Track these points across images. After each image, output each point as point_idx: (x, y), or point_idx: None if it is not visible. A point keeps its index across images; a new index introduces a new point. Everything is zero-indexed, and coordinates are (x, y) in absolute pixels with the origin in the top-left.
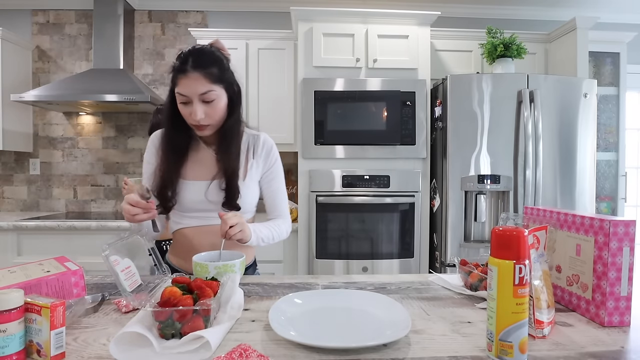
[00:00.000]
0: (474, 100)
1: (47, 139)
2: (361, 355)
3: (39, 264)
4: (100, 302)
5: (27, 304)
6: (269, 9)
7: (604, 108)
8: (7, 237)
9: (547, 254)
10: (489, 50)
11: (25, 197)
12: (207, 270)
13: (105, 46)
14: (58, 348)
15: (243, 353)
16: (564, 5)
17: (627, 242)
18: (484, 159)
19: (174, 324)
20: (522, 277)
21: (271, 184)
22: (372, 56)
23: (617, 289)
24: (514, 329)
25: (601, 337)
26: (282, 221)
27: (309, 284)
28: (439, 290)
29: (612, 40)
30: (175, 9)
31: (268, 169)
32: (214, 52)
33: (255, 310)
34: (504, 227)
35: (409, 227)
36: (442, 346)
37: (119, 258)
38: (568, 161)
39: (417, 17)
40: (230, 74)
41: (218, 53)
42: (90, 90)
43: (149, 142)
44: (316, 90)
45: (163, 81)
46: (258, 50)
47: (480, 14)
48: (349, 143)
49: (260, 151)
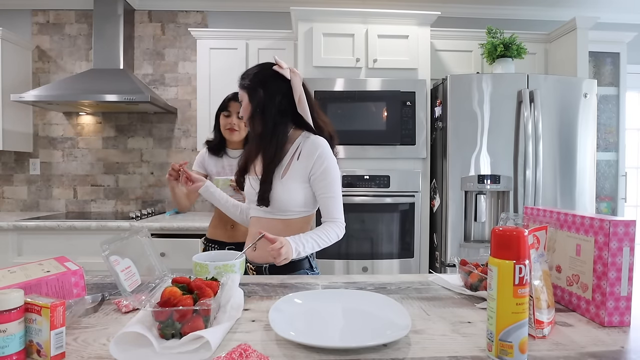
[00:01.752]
0: (474, 100)
1: (47, 139)
2: (361, 355)
3: (39, 264)
4: (100, 302)
5: (27, 304)
6: (269, 9)
7: (604, 108)
8: (7, 237)
9: (547, 254)
10: (489, 50)
11: (25, 197)
12: (207, 270)
13: (105, 46)
14: (58, 348)
15: (243, 353)
16: (564, 5)
17: (627, 242)
18: (484, 159)
19: (174, 324)
20: (522, 277)
21: (319, 186)
22: (372, 56)
23: (617, 289)
24: (514, 329)
25: (601, 337)
26: (332, 226)
27: (309, 284)
28: (439, 290)
29: (612, 40)
30: (175, 9)
31: (315, 172)
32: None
33: (255, 310)
34: (504, 227)
35: (409, 227)
36: (442, 346)
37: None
38: (568, 161)
39: (417, 17)
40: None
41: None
42: (90, 90)
43: None
44: (316, 90)
45: (163, 81)
46: (258, 50)
47: (480, 14)
48: (349, 143)
49: (306, 153)
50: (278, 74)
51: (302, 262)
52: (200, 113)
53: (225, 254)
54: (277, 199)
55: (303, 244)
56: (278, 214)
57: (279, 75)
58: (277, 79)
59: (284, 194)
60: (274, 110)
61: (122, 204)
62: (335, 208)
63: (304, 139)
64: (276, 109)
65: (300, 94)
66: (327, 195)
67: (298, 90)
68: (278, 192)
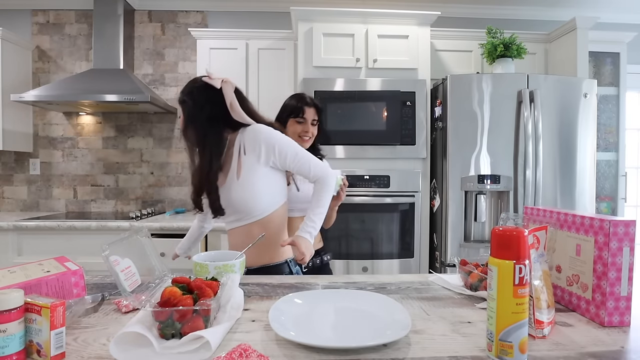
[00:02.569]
0: (474, 100)
1: (47, 139)
2: (361, 355)
3: (39, 264)
4: (100, 302)
5: (27, 304)
6: (269, 9)
7: (604, 108)
8: (7, 237)
9: (547, 254)
10: (489, 50)
11: (25, 197)
12: (207, 270)
13: (105, 46)
14: (58, 348)
15: (243, 353)
16: (564, 5)
17: (627, 242)
18: (484, 159)
19: (174, 324)
20: (522, 277)
21: (287, 162)
22: (372, 56)
23: (617, 289)
24: (514, 329)
25: (601, 337)
26: (319, 185)
27: (309, 284)
28: (439, 290)
29: (612, 40)
30: (175, 9)
31: (272, 157)
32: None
33: (255, 310)
34: (504, 227)
35: (409, 227)
36: (442, 346)
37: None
38: (568, 161)
39: (417, 17)
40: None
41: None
42: (90, 90)
43: None
44: (316, 90)
45: (163, 81)
46: (258, 50)
47: (480, 14)
48: (349, 143)
49: (249, 143)
50: (208, 85)
51: (282, 267)
52: None
53: (225, 254)
54: (239, 201)
55: (311, 225)
56: (248, 218)
57: (209, 86)
58: (207, 89)
59: (246, 193)
60: (203, 118)
61: (122, 204)
62: (313, 166)
63: (242, 134)
64: (205, 117)
65: (231, 100)
66: (298, 163)
67: (229, 96)
68: (238, 194)
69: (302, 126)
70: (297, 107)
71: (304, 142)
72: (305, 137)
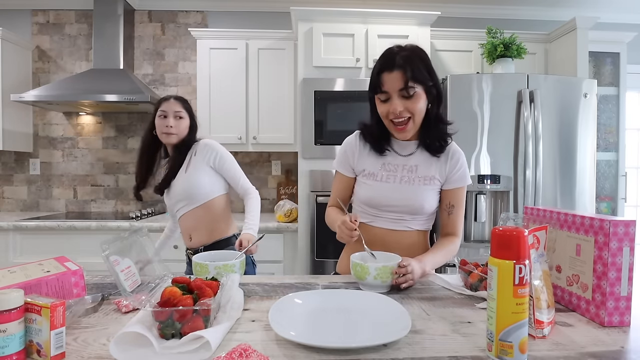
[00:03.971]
0: (474, 100)
1: (47, 139)
2: (361, 355)
3: (39, 264)
4: (100, 302)
5: (27, 304)
6: (269, 9)
7: (604, 108)
8: (7, 237)
9: (547, 254)
10: (489, 50)
11: (25, 197)
12: (207, 270)
13: (105, 46)
14: (58, 348)
15: (243, 353)
16: (564, 5)
17: (627, 242)
18: (484, 159)
19: (174, 324)
20: (522, 277)
21: (226, 176)
22: (372, 56)
23: (617, 289)
24: (514, 329)
25: (601, 337)
26: (250, 200)
27: (309, 284)
28: (439, 290)
29: (612, 40)
30: (175, 9)
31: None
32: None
33: (255, 310)
34: (504, 227)
35: None
36: (442, 346)
37: (119, 258)
38: (568, 161)
39: (417, 17)
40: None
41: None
42: (90, 90)
43: None
44: (316, 90)
45: (163, 81)
46: (258, 50)
47: (480, 14)
48: None
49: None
50: None
51: (230, 239)
52: (200, 113)
53: (225, 254)
54: (184, 187)
55: (251, 225)
56: (193, 202)
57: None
58: None
59: (186, 183)
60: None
61: (122, 204)
62: (241, 181)
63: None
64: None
65: None
66: (235, 177)
67: None
68: (183, 182)
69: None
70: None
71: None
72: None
